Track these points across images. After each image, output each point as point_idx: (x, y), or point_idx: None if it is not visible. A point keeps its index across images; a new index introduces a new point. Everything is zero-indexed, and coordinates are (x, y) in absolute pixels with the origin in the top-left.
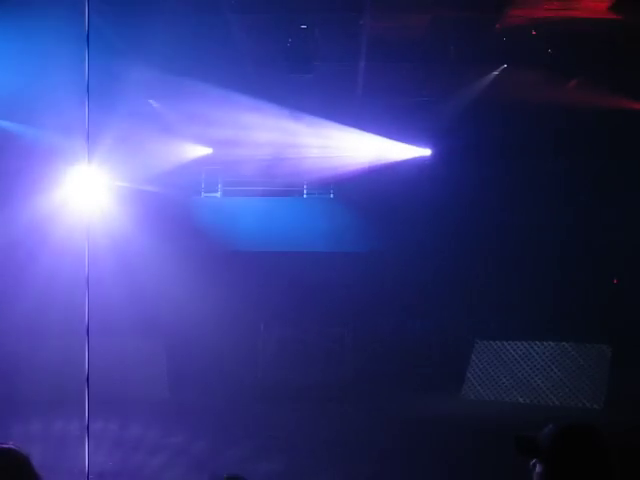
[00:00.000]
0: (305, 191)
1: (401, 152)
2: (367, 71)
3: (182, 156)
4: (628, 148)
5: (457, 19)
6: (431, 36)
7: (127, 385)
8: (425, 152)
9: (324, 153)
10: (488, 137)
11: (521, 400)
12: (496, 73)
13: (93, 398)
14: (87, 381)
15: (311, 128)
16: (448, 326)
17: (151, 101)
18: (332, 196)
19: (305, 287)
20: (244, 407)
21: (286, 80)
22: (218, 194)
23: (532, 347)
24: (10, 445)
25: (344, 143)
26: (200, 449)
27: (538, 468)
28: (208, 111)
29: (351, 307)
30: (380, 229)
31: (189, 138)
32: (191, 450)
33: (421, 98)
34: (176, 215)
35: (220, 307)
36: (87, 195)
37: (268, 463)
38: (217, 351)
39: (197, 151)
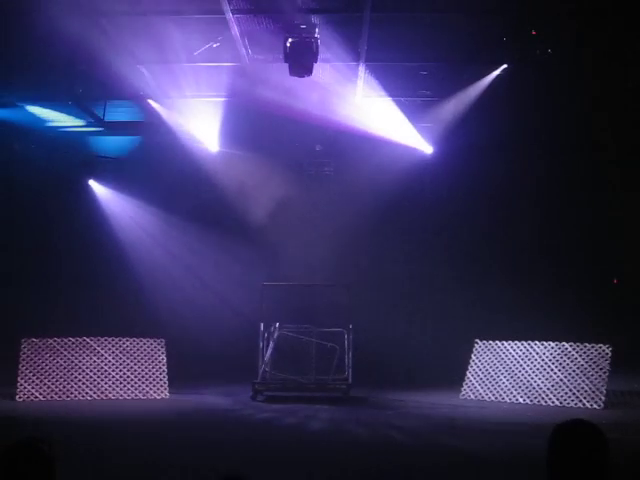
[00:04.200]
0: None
1: (406, 134)
2: (367, 70)
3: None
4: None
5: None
6: (432, 36)
7: None
8: (427, 150)
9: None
10: (489, 137)
11: (521, 400)
12: (497, 73)
13: None
14: None
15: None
16: (448, 326)
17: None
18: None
19: (306, 287)
20: (243, 406)
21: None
22: None
23: (532, 347)
24: (36, 440)
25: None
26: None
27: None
28: None
29: (351, 307)
30: (379, 228)
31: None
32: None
33: (422, 98)
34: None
35: (221, 306)
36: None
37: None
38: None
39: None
